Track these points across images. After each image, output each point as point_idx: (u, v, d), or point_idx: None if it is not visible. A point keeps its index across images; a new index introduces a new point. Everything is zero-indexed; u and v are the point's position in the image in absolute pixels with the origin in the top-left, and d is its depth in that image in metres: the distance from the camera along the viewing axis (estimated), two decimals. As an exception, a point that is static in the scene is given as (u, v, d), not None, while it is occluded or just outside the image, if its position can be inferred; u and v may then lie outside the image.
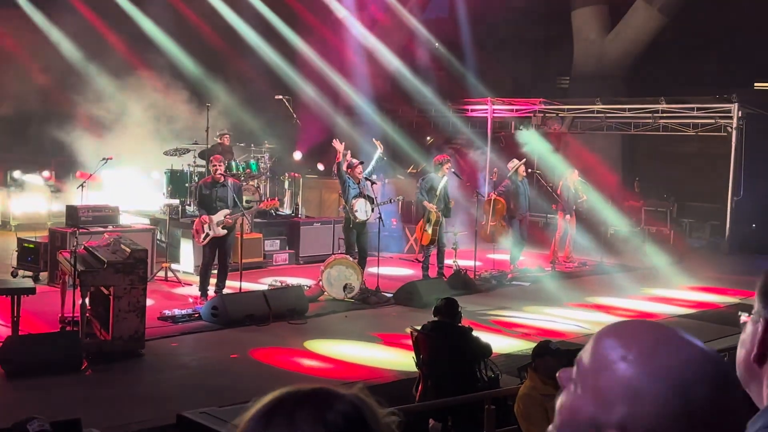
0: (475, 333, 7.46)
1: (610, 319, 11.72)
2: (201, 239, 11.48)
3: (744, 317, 1.50)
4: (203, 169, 14.98)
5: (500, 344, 9.49)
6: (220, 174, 11.56)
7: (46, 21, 19.83)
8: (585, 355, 1.28)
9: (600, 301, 13.02)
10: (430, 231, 13.49)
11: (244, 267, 11.86)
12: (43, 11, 19.84)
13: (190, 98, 18.75)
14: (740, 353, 1.48)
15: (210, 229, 11.36)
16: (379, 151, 13.44)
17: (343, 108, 22.86)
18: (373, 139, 13.75)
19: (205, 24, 20.73)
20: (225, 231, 11.45)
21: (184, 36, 20.50)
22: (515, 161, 15.58)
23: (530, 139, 17.96)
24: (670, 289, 14.17)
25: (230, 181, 11.85)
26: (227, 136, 15.79)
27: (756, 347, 1.45)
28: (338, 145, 12.88)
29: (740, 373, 1.45)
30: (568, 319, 11.68)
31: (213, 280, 11.74)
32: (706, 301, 13.39)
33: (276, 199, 14.96)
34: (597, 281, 14.76)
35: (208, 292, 11.50)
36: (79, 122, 18.14)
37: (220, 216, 11.37)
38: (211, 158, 11.86)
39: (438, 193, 13.56)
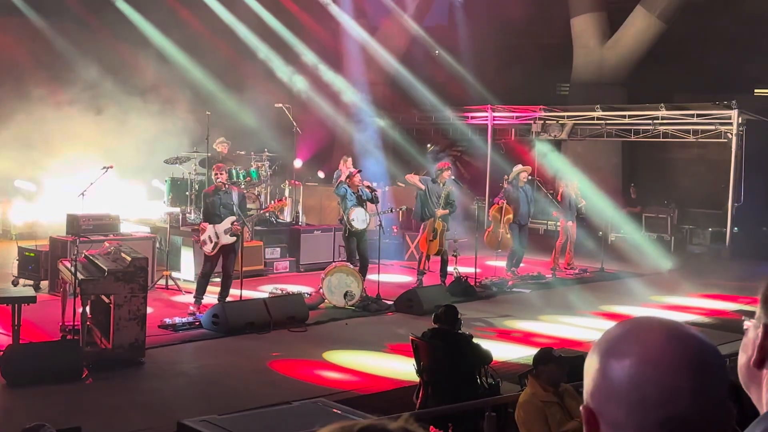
0: (475, 340, 7.46)
1: (609, 325, 11.69)
2: (210, 249, 11.41)
3: (747, 322, 1.53)
4: (204, 177, 14.99)
5: (500, 351, 9.48)
6: (221, 182, 11.58)
7: (48, 27, 19.87)
8: None
9: (604, 308, 12.99)
10: (436, 240, 13.51)
11: (244, 275, 11.85)
12: (46, 19, 19.88)
13: (191, 106, 18.78)
14: (741, 358, 1.50)
15: (217, 238, 11.34)
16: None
17: (344, 115, 22.89)
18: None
19: (208, 31, 20.76)
20: (233, 238, 11.43)
21: (185, 43, 20.53)
22: (519, 166, 15.61)
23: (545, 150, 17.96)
24: (676, 296, 14.11)
25: (234, 189, 11.83)
26: (225, 145, 15.81)
27: (756, 352, 1.46)
28: (344, 167, 13.08)
29: (741, 377, 1.48)
30: (569, 325, 11.67)
31: (213, 288, 11.75)
32: (718, 309, 13.28)
33: (284, 199, 14.89)
34: (598, 288, 14.75)
35: (202, 300, 11.49)
36: (77, 129, 18.15)
37: (226, 224, 11.35)
38: (213, 167, 11.86)
39: (440, 200, 13.58)
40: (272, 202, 14.95)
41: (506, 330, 11.33)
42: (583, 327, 11.60)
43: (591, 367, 1.37)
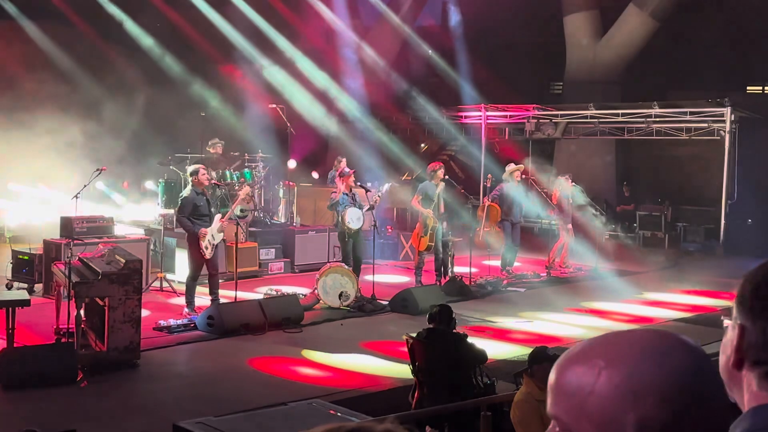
0: (470, 339, 7.46)
1: (606, 323, 11.75)
2: (210, 252, 11.31)
3: (726, 321, 1.53)
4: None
5: (495, 350, 9.49)
6: (214, 182, 11.57)
7: (38, 31, 19.84)
8: None
9: (596, 305, 13.03)
10: (427, 237, 13.53)
11: (239, 276, 11.82)
12: (35, 22, 19.85)
13: (185, 107, 18.76)
14: (722, 358, 1.49)
15: (213, 239, 11.30)
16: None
17: (337, 116, 22.90)
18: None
19: (199, 33, 20.76)
20: (221, 234, 11.45)
21: (177, 45, 20.52)
22: (512, 165, 15.60)
23: None
24: (665, 293, 14.21)
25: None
26: (219, 145, 15.78)
27: (733, 353, 1.46)
28: (340, 184, 13.07)
29: (724, 378, 1.47)
30: (564, 324, 11.69)
31: (203, 289, 11.72)
32: (701, 305, 13.40)
33: (246, 186, 14.41)
34: (592, 286, 14.75)
35: (194, 302, 11.44)
36: (73, 132, 18.12)
37: (217, 222, 11.35)
38: (199, 168, 11.63)
39: (435, 200, 13.59)
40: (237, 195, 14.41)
41: (501, 329, 11.34)
42: (578, 325, 11.62)
43: (559, 380, 1.30)
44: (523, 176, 15.86)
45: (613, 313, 12.57)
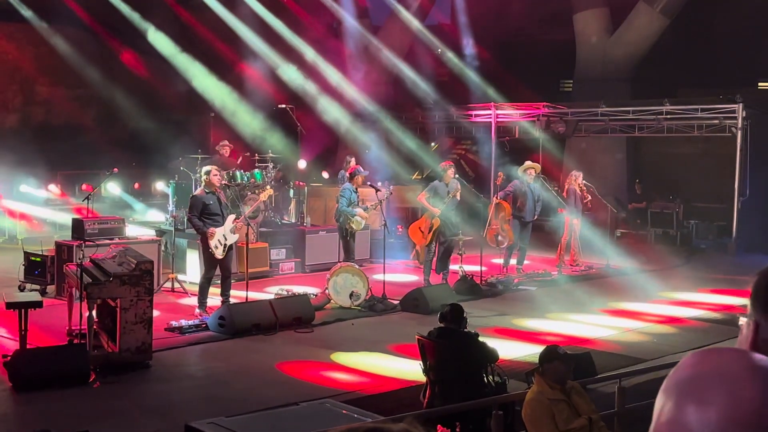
0: (481, 338, 7.45)
1: (617, 321, 11.70)
2: (222, 252, 11.28)
3: (742, 320, 1.52)
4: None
5: (507, 349, 9.46)
6: (224, 183, 11.60)
7: (51, 33, 19.91)
8: None
9: (611, 305, 12.92)
10: (430, 234, 13.58)
11: (250, 276, 11.84)
12: (47, 23, 19.92)
13: (195, 108, 18.80)
14: None
15: (225, 239, 11.30)
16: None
17: (348, 115, 22.90)
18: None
19: (210, 32, 20.79)
20: (237, 235, 11.45)
21: (187, 45, 20.55)
22: (528, 163, 15.52)
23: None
24: (684, 292, 14.04)
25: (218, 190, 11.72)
26: (227, 147, 15.79)
27: (748, 349, 1.46)
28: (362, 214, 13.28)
29: None
30: (576, 322, 11.65)
31: (215, 290, 11.73)
32: (727, 304, 13.15)
33: (268, 188, 14.52)
34: (605, 285, 14.70)
35: (206, 303, 11.45)
36: (82, 134, 18.19)
37: (230, 223, 11.35)
38: (211, 169, 11.65)
39: (444, 199, 13.60)
40: (258, 195, 14.49)
41: (512, 328, 11.31)
42: (590, 324, 11.58)
43: (665, 408, 1.22)
44: (541, 175, 15.76)
45: (638, 313, 12.39)
